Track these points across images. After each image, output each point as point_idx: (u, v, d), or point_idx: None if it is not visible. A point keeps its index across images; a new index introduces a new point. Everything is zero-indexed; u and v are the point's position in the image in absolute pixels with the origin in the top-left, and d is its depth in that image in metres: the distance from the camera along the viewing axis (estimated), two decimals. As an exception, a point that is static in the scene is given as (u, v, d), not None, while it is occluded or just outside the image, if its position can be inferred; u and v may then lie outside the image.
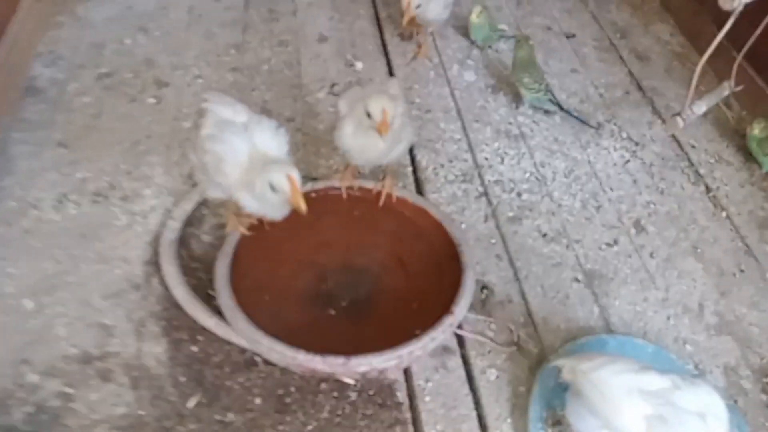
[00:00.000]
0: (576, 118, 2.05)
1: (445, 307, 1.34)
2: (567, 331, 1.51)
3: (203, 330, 1.40)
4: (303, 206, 1.25)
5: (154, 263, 1.52)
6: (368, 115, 1.35)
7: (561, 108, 2.04)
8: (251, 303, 1.35)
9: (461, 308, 1.32)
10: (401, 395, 1.35)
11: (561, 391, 1.25)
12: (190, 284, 1.48)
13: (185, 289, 1.43)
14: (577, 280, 1.62)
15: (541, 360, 1.44)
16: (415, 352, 1.24)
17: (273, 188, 1.25)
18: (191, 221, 1.63)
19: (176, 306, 1.44)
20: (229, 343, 1.39)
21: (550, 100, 2.03)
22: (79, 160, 1.74)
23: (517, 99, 2.09)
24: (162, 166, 1.75)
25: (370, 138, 1.40)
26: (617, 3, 2.68)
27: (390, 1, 2.51)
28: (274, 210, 1.33)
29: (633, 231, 1.76)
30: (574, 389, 1.16)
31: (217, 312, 1.41)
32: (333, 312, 1.44)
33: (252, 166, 1.29)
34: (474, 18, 2.23)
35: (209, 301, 1.45)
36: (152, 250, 1.55)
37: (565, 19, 2.56)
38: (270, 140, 1.32)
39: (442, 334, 1.28)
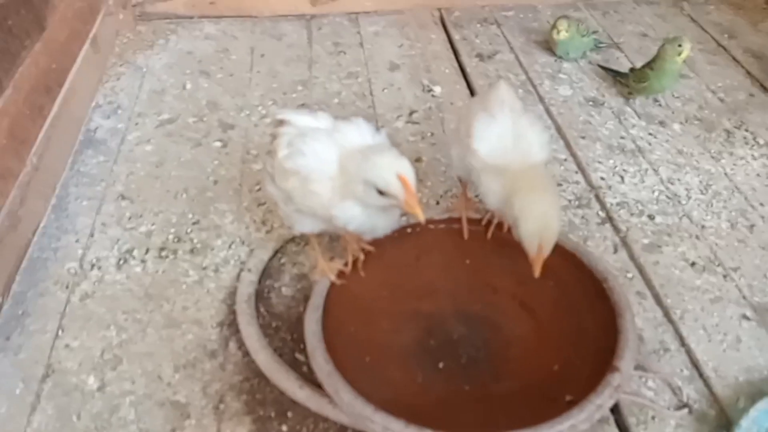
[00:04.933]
0: (608, 69, 1.98)
1: (595, 363, 1.04)
2: (748, 384, 1.18)
3: (293, 403, 1.15)
4: (420, 212, 0.99)
5: (231, 324, 1.29)
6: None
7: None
8: (350, 367, 1.09)
9: (627, 362, 1.01)
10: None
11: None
12: (274, 347, 1.24)
13: (268, 354, 1.19)
14: (746, 317, 1.29)
15: (723, 424, 1.11)
16: (578, 426, 0.93)
17: (379, 191, 0.99)
18: (269, 272, 1.40)
19: (259, 375, 1.19)
20: (325, 419, 1.12)
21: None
22: (142, 212, 1.55)
23: (629, 97, 1.91)
24: (232, 213, 1.55)
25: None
26: (716, 4, 2.41)
27: (462, 23, 2.32)
28: (385, 220, 1.07)
29: (801, 252, 1.43)
30: None
31: (308, 380, 1.16)
32: (448, 374, 1.16)
33: (347, 172, 1.05)
34: (557, 35, 1.99)
35: (297, 367, 1.21)
36: (227, 309, 1.32)
37: (659, 25, 2.29)
38: (366, 139, 1.09)
39: (609, 399, 0.97)
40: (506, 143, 1.15)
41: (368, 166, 1.02)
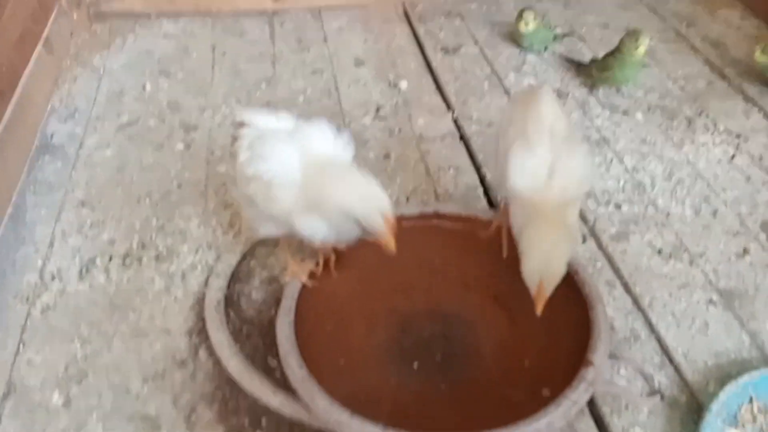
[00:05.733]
0: (570, 60, 2.02)
1: (569, 357, 1.04)
2: (717, 368, 1.20)
3: (267, 410, 1.13)
4: (393, 246, 1.01)
5: (200, 332, 1.26)
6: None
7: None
8: (325, 371, 1.07)
9: (601, 356, 1.01)
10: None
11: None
12: (245, 353, 1.21)
13: (240, 360, 1.16)
14: (712, 302, 1.32)
15: (694, 409, 1.13)
16: (555, 422, 0.93)
17: (360, 225, 1.01)
18: (238, 277, 1.38)
19: (231, 383, 1.17)
20: (300, 425, 1.10)
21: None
22: (103, 219, 1.51)
23: (592, 87, 1.93)
24: (198, 216, 1.51)
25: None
26: (674, -8, 2.44)
27: (426, 16, 2.31)
28: (349, 231, 1.06)
29: (763, 236, 1.46)
30: None
31: (282, 386, 1.14)
32: (424, 374, 1.15)
33: (310, 180, 1.04)
34: (525, 26, 1.99)
35: (270, 372, 1.19)
36: (196, 316, 1.29)
37: (620, 15, 2.32)
38: (328, 142, 1.08)
39: (585, 394, 0.97)
40: (542, 177, 1.09)
41: (351, 201, 1.02)
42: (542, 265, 1.03)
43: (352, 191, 1.03)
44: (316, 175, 1.04)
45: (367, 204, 1.01)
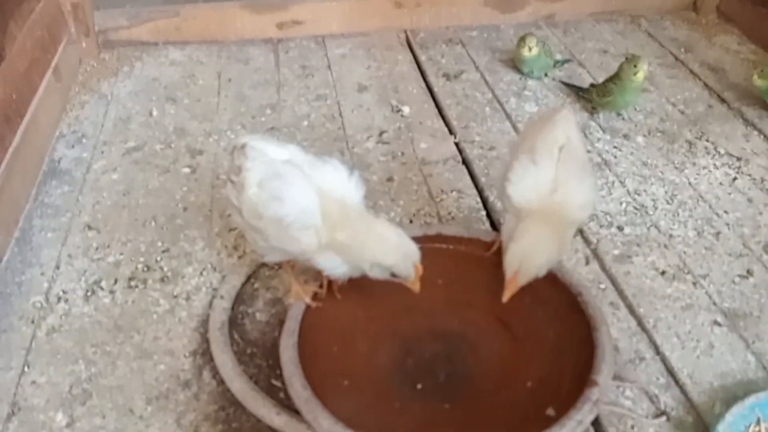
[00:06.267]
0: (570, 86, 2.04)
1: (573, 377, 1.04)
2: (723, 389, 1.19)
3: (271, 431, 1.12)
4: (418, 287, 1.09)
5: (204, 353, 1.26)
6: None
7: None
8: (328, 392, 1.07)
9: (605, 376, 1.01)
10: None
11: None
12: (249, 374, 1.21)
13: (244, 381, 1.16)
14: (717, 323, 1.31)
15: (701, 430, 1.12)
16: (559, 441, 0.93)
17: (393, 275, 1.07)
18: (242, 298, 1.38)
19: (234, 403, 1.17)
20: (304, 445, 1.10)
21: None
22: (109, 242, 1.52)
23: (593, 112, 1.95)
24: (203, 239, 1.53)
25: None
26: (672, 19, 2.49)
27: (427, 44, 2.35)
28: (372, 274, 1.11)
29: (766, 257, 1.46)
30: None
31: (285, 406, 1.14)
32: (428, 394, 1.14)
33: (338, 229, 1.06)
34: (528, 52, 2.02)
35: (273, 393, 1.18)
36: (200, 337, 1.29)
37: (619, 41, 2.36)
38: (343, 182, 1.08)
39: (589, 414, 0.96)
40: (542, 193, 1.10)
41: (390, 258, 1.06)
42: (525, 254, 1.05)
43: (390, 250, 1.07)
44: (343, 225, 1.06)
45: (406, 260, 1.06)
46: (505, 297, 1.08)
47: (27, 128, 1.69)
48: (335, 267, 1.09)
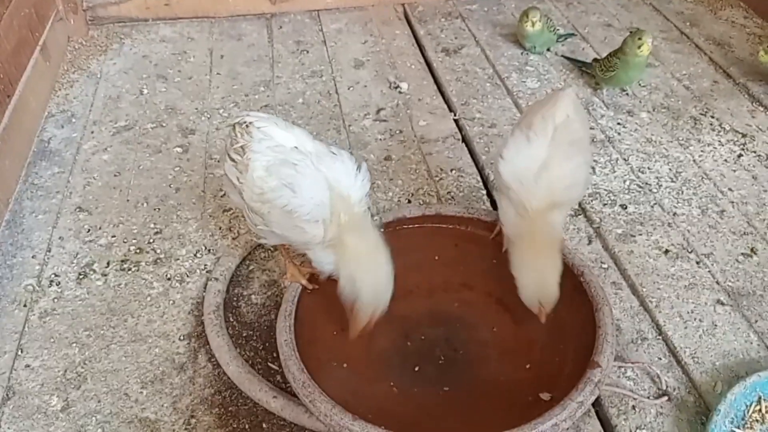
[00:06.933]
0: (573, 60, 2.01)
1: (575, 358, 1.02)
2: (725, 368, 1.18)
3: (267, 414, 1.11)
4: (354, 335, 1.10)
5: (199, 336, 1.24)
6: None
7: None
8: (326, 375, 1.05)
9: (607, 357, 0.99)
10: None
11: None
12: (245, 357, 1.19)
13: (239, 365, 1.14)
14: (720, 302, 1.29)
15: (702, 410, 1.11)
16: (561, 425, 0.91)
17: (355, 299, 1.07)
18: (237, 280, 1.36)
19: (231, 386, 1.15)
20: (302, 429, 1.08)
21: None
22: (101, 224, 1.49)
23: (596, 88, 1.92)
24: (196, 220, 1.50)
25: None
26: (677, -8, 2.43)
27: (426, 17, 2.30)
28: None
29: (771, 235, 1.44)
30: None
31: (283, 389, 1.12)
32: (427, 377, 1.13)
33: (335, 215, 1.04)
34: (531, 27, 1.97)
35: (270, 376, 1.16)
36: (195, 320, 1.27)
37: (623, 15, 2.30)
38: (351, 178, 1.06)
39: (591, 396, 0.95)
40: (531, 172, 1.09)
41: (368, 283, 1.06)
42: (537, 292, 1.08)
43: (374, 283, 1.06)
44: (350, 228, 1.05)
45: (375, 302, 1.06)
46: (543, 320, 1.10)
47: (15, 108, 1.65)
48: (325, 263, 1.08)
